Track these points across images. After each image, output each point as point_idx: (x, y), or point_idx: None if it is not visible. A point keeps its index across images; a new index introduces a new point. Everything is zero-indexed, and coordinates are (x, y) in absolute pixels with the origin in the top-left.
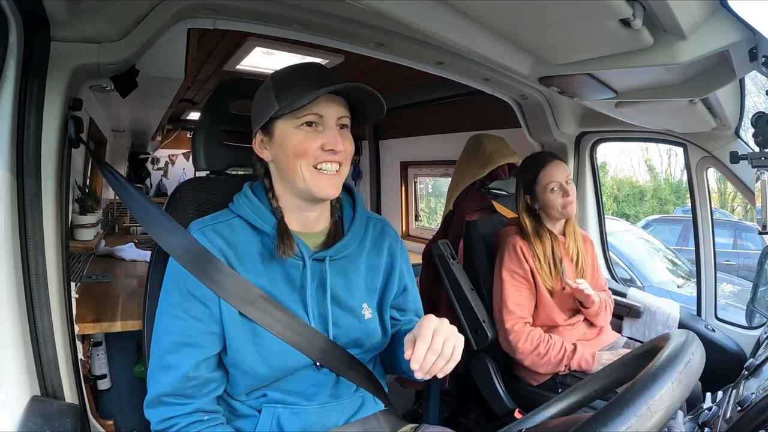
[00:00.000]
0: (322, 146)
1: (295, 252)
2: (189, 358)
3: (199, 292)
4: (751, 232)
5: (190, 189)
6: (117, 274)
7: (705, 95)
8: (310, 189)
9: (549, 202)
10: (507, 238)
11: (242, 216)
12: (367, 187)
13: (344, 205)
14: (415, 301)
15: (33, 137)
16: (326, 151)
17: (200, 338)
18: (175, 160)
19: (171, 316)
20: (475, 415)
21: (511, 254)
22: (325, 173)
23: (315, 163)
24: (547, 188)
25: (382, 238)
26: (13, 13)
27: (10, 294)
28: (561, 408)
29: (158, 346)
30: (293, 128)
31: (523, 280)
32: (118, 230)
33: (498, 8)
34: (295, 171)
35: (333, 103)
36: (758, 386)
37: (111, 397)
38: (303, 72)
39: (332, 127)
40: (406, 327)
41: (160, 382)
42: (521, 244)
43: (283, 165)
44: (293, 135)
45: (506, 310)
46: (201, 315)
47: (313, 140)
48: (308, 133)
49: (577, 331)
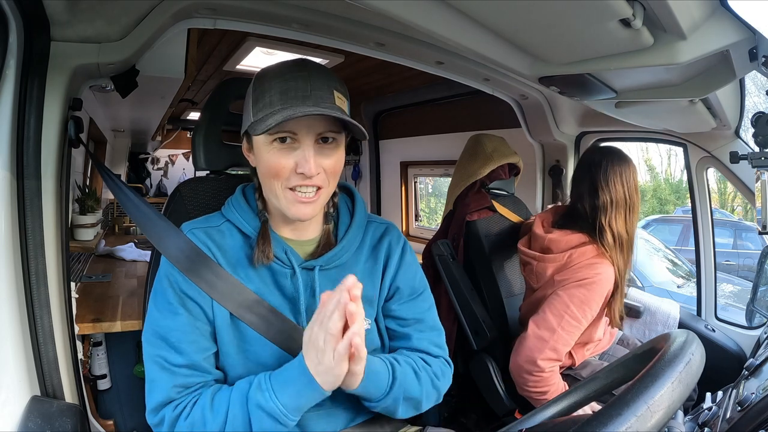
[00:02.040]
0: (295, 167)
1: (271, 260)
2: (193, 354)
3: (193, 292)
4: (751, 232)
5: (190, 189)
6: (117, 274)
7: (705, 95)
8: (282, 209)
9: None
10: (584, 253)
11: (231, 220)
12: (367, 187)
13: (341, 209)
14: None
15: (33, 137)
16: (298, 174)
17: (199, 336)
18: (175, 160)
19: (170, 313)
20: (475, 415)
21: (597, 282)
22: (300, 195)
23: (289, 185)
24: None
25: (381, 242)
26: (13, 13)
27: (10, 294)
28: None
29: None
30: (266, 144)
31: (591, 316)
32: (118, 230)
33: (498, 8)
34: (270, 189)
35: (309, 120)
36: (758, 386)
37: (111, 397)
38: (283, 79)
39: (308, 146)
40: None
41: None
42: (606, 267)
43: (261, 178)
44: (266, 151)
45: (549, 346)
46: (197, 314)
47: (286, 158)
48: (281, 150)
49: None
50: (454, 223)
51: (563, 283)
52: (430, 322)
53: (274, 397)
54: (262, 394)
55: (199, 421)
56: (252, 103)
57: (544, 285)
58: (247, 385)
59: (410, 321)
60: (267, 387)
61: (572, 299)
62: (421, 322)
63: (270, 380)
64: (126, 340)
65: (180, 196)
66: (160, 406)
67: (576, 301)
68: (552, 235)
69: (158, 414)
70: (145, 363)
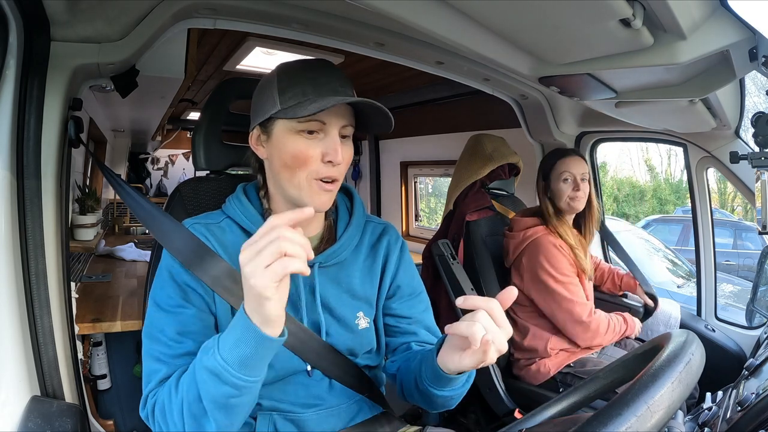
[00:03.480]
0: (322, 156)
1: None
2: (193, 346)
3: (196, 283)
4: (751, 232)
5: (190, 189)
6: (117, 274)
7: (705, 95)
8: (303, 199)
9: (558, 192)
10: (537, 239)
11: (232, 217)
12: (367, 187)
13: (340, 208)
14: (423, 311)
15: (33, 137)
16: (326, 164)
17: (202, 327)
18: (175, 160)
19: (171, 307)
20: (475, 415)
21: (554, 254)
22: (324, 184)
23: (315, 176)
24: (561, 176)
25: (379, 241)
26: (13, 13)
27: (10, 294)
28: (561, 408)
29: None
30: (293, 133)
31: (574, 275)
32: (118, 230)
33: (498, 8)
34: (290, 178)
35: (339, 111)
36: (758, 386)
37: (111, 397)
38: (313, 72)
39: (334, 135)
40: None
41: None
42: (554, 240)
43: (277, 169)
44: (292, 140)
45: (578, 305)
46: (201, 305)
47: (313, 148)
48: (309, 140)
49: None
50: (454, 223)
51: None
52: (428, 322)
53: (216, 353)
54: (206, 353)
55: (166, 400)
56: (278, 92)
57: (512, 265)
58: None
59: (412, 319)
60: (213, 344)
61: (542, 272)
62: (420, 322)
63: (218, 338)
64: (126, 340)
65: (180, 196)
66: (146, 398)
67: (545, 273)
68: (515, 216)
69: (145, 407)
70: (143, 357)
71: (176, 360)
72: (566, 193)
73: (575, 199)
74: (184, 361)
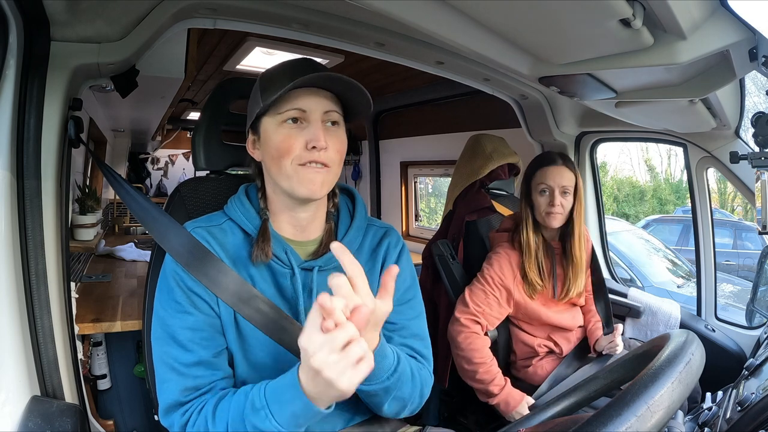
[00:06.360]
0: (306, 144)
1: (269, 258)
2: (203, 352)
3: (199, 288)
4: (751, 232)
5: (190, 189)
6: (117, 274)
7: (705, 95)
8: (294, 188)
9: (535, 203)
10: (500, 245)
11: (233, 218)
12: (367, 187)
13: (341, 210)
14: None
15: (33, 137)
16: (310, 150)
17: (210, 332)
18: (175, 160)
19: (178, 312)
20: (475, 415)
21: (500, 262)
22: (312, 166)
23: (300, 162)
24: (538, 187)
25: (380, 245)
26: (13, 13)
27: (10, 294)
28: (561, 408)
29: (165, 348)
30: (276, 125)
31: (497, 290)
32: (118, 230)
33: (498, 8)
34: (279, 170)
35: (317, 97)
36: (758, 386)
37: (111, 397)
38: (292, 69)
39: (316, 121)
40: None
41: (174, 383)
42: (511, 256)
43: (268, 164)
44: (276, 132)
45: (464, 302)
46: (206, 310)
47: (296, 137)
48: (291, 129)
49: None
50: (454, 223)
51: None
52: (415, 329)
53: (272, 419)
54: (257, 414)
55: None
56: (260, 92)
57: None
58: (243, 399)
59: (397, 325)
60: (262, 405)
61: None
62: (405, 328)
63: (265, 396)
64: (126, 340)
65: (180, 196)
66: (170, 408)
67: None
68: (492, 233)
69: (169, 417)
70: (155, 362)
71: (191, 369)
72: (542, 207)
73: (550, 214)
74: (199, 371)
